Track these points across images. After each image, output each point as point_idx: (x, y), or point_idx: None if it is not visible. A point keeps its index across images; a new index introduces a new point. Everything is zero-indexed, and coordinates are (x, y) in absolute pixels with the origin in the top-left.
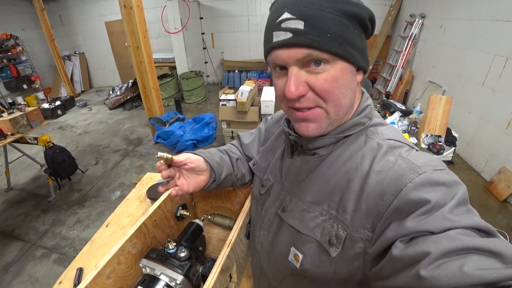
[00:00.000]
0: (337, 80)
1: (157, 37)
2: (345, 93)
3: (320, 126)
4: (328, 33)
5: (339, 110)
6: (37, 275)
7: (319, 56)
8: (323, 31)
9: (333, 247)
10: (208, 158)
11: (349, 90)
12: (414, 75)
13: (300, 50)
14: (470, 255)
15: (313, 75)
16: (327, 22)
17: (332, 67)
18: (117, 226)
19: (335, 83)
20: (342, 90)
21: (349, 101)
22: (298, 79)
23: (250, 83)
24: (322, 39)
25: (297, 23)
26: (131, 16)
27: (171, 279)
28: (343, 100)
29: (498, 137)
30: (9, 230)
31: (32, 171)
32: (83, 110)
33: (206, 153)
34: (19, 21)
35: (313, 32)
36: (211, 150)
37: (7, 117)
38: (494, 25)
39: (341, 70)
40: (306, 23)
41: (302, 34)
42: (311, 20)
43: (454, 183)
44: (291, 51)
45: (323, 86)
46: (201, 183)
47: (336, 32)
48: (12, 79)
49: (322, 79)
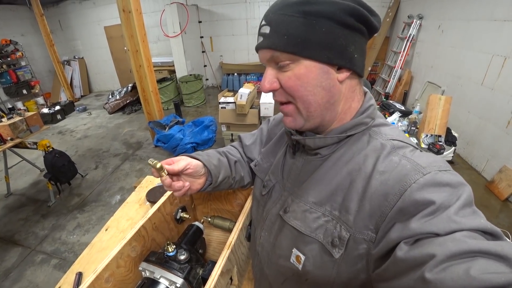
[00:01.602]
0: (300, 78)
1: (156, 41)
2: (313, 91)
3: (295, 119)
4: (286, 35)
5: (307, 107)
6: (37, 280)
7: (280, 57)
8: (281, 34)
9: (336, 249)
10: (206, 162)
11: (318, 88)
12: (413, 76)
13: (266, 52)
14: (476, 258)
15: (282, 73)
16: (287, 25)
17: (297, 65)
18: (116, 230)
19: (298, 80)
20: (308, 88)
21: (321, 99)
22: (271, 76)
23: (249, 86)
24: (281, 41)
25: (266, 28)
26: (130, 20)
27: (171, 282)
28: (311, 97)
29: (498, 136)
30: (8, 235)
31: (31, 176)
32: (83, 115)
33: (204, 155)
34: (19, 26)
35: (273, 36)
36: (209, 152)
37: (6, 122)
38: (491, 25)
39: (305, 69)
40: (271, 28)
41: (267, 38)
42: (274, 24)
43: (459, 184)
44: (262, 53)
45: (287, 83)
46: (197, 186)
47: (295, 33)
48: (11, 85)
49: (286, 76)
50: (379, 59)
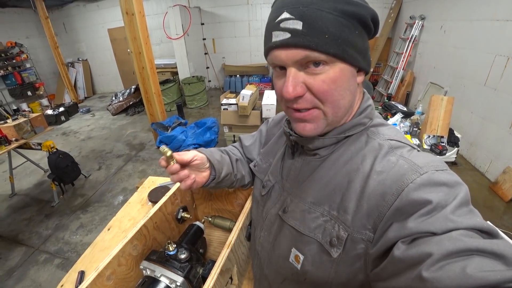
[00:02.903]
0: (336, 82)
1: (159, 43)
2: (343, 95)
3: (318, 126)
4: (326, 34)
5: (337, 111)
6: (40, 280)
7: (318, 58)
8: (321, 32)
9: (334, 248)
10: (210, 156)
11: (348, 92)
12: (415, 77)
13: (298, 51)
14: (473, 256)
15: (311, 76)
16: (326, 23)
17: (331, 68)
18: (118, 230)
19: (333, 84)
20: (341, 92)
21: (348, 102)
22: (296, 79)
23: (252, 87)
24: (321, 40)
25: (296, 23)
26: (133, 22)
27: (171, 281)
28: (342, 101)
29: (502, 137)
30: (12, 235)
31: (35, 176)
32: (86, 116)
33: (207, 151)
34: (24, 29)
35: (312, 33)
36: (211, 149)
37: (11, 123)
38: (494, 25)
39: (340, 72)
40: (304, 24)
41: (300, 35)
42: (310, 20)
43: (456, 183)
44: (289, 52)
45: (321, 87)
46: (202, 179)
47: (335, 33)
48: (16, 86)
49: (320, 80)
50: (381, 60)
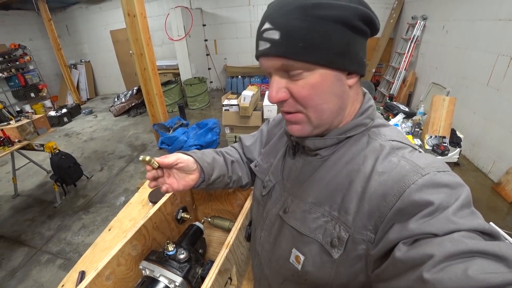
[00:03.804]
0: (315, 87)
1: (161, 44)
2: (327, 99)
3: (303, 128)
4: (301, 43)
5: (320, 115)
6: (42, 280)
7: (294, 66)
8: (297, 41)
9: (335, 249)
10: (199, 159)
11: (332, 96)
12: (417, 77)
13: (276, 60)
14: (474, 258)
15: (293, 82)
16: (302, 31)
17: (311, 74)
18: (119, 230)
19: (312, 90)
20: (323, 96)
21: (334, 106)
22: (279, 85)
23: (253, 88)
24: (296, 49)
25: (274, 33)
26: (135, 24)
27: (170, 281)
28: (325, 105)
29: (505, 138)
30: (15, 235)
31: (38, 177)
32: (89, 117)
33: (198, 153)
34: (27, 31)
35: (287, 42)
36: (205, 151)
37: (14, 124)
38: (496, 25)
39: (320, 77)
40: (281, 33)
41: (277, 45)
42: (286, 30)
43: (458, 185)
44: (269, 60)
45: (301, 93)
46: (190, 182)
47: (311, 40)
48: (20, 88)
49: (299, 86)
50: (383, 60)
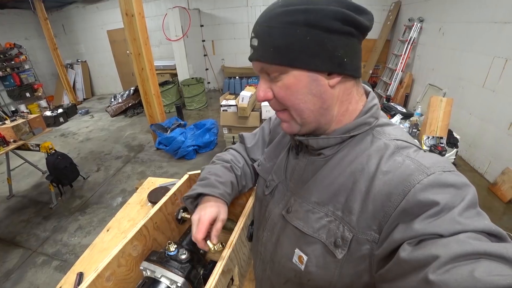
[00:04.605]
0: (290, 88)
1: (159, 44)
2: (303, 99)
3: (291, 126)
4: (272, 47)
5: (301, 114)
6: (38, 282)
7: (270, 69)
8: (268, 46)
9: (339, 249)
10: (227, 200)
11: (309, 96)
12: (414, 79)
13: (257, 64)
14: (480, 260)
15: (274, 83)
16: (273, 37)
17: (286, 76)
18: (118, 231)
19: (288, 90)
20: (299, 97)
21: (313, 105)
22: (264, 86)
23: (251, 89)
24: (268, 54)
25: (255, 40)
26: (132, 24)
27: (172, 282)
28: (302, 105)
29: (500, 138)
30: (10, 237)
31: (34, 178)
32: (85, 118)
33: (221, 187)
34: (23, 30)
35: (261, 48)
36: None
37: (9, 124)
38: (492, 27)
39: (294, 78)
40: (259, 41)
41: (256, 50)
42: (261, 37)
43: (464, 185)
44: (254, 64)
45: (279, 93)
46: None
47: (280, 45)
48: (15, 88)
49: (278, 87)
50: (380, 62)
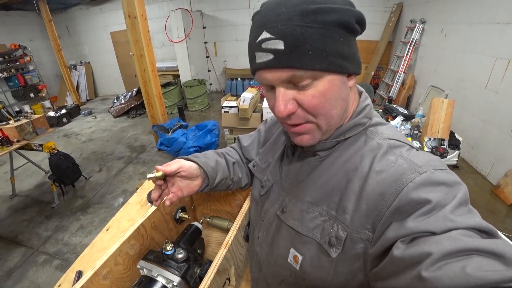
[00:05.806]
0: (325, 94)
1: (161, 46)
2: (335, 105)
3: (314, 137)
4: (310, 51)
5: (329, 121)
6: (39, 281)
7: (304, 76)
8: (304, 49)
9: (333, 248)
10: (203, 164)
11: (339, 100)
12: (416, 80)
13: (283, 72)
14: (472, 256)
15: (301, 92)
16: (308, 38)
17: (320, 81)
18: (117, 230)
19: (323, 97)
20: (332, 102)
21: (340, 110)
22: (286, 98)
23: (252, 90)
24: (304, 58)
25: (277, 43)
26: (135, 25)
27: (168, 281)
28: (333, 111)
29: (503, 140)
30: (12, 236)
31: (36, 177)
32: (88, 118)
33: (202, 157)
34: (28, 31)
35: (294, 52)
36: (207, 154)
37: (13, 124)
38: (494, 28)
39: (329, 83)
40: (286, 43)
41: (283, 55)
42: (291, 38)
43: (455, 183)
44: (274, 73)
45: (312, 102)
46: (194, 187)
47: (318, 47)
48: (19, 88)
49: (309, 95)
50: (382, 63)
